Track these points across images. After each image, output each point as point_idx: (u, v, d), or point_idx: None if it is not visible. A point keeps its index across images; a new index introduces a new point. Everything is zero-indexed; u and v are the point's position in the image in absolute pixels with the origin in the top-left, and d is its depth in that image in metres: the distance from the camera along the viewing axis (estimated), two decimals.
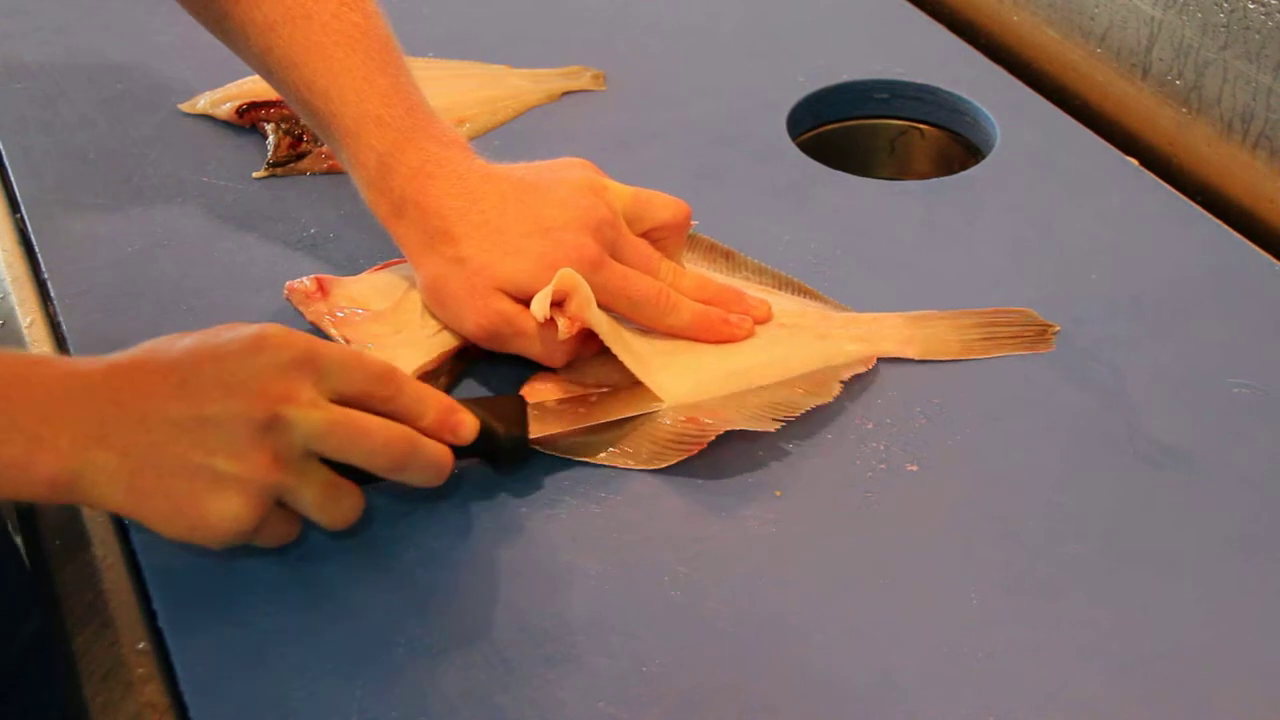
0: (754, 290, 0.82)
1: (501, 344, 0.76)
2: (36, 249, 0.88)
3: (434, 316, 0.78)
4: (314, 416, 0.63)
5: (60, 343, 0.82)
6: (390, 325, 0.78)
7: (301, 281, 0.80)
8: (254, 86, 0.99)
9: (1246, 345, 0.81)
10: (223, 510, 0.62)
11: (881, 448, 0.74)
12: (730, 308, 0.80)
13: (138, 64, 1.05)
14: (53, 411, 0.61)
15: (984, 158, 0.98)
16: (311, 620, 0.66)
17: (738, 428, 0.73)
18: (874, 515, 0.71)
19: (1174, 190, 0.94)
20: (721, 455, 0.74)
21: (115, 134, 0.98)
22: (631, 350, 0.76)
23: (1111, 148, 0.98)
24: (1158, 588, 0.67)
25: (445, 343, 0.77)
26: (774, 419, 0.74)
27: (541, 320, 0.73)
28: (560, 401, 0.75)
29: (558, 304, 0.73)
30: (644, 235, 0.81)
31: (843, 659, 0.64)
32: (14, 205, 0.93)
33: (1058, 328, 0.80)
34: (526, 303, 0.74)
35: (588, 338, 0.75)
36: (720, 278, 0.83)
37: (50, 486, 0.61)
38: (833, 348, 0.79)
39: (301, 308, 0.80)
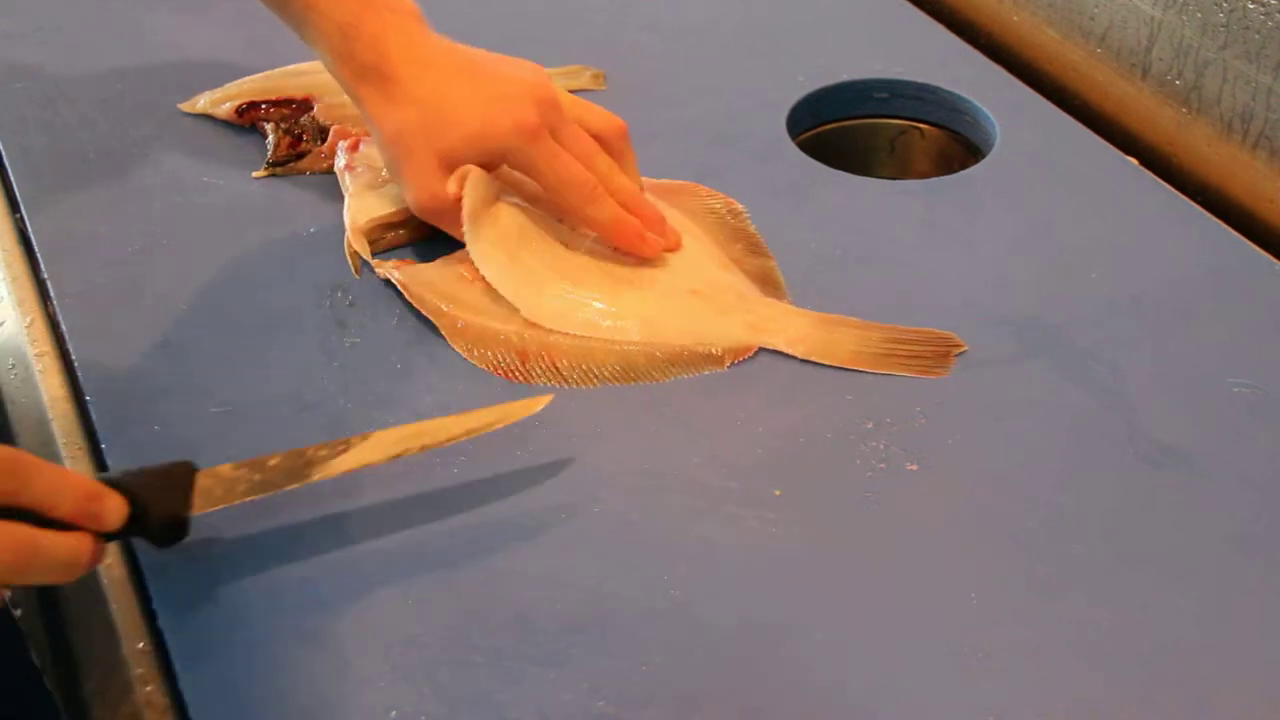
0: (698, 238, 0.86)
1: (434, 220, 0.84)
2: (36, 249, 0.88)
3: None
4: None
5: (60, 342, 0.82)
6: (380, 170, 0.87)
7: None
8: (253, 86, 0.99)
9: (1246, 345, 0.81)
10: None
11: (881, 447, 0.74)
12: (649, 225, 0.83)
13: (138, 64, 1.05)
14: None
15: (984, 157, 0.98)
16: (311, 621, 0.66)
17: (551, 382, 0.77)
18: (874, 515, 0.71)
19: (1174, 190, 0.94)
20: (721, 454, 0.74)
21: (115, 134, 0.98)
22: (516, 259, 0.81)
23: (1111, 148, 0.98)
24: (1158, 588, 0.67)
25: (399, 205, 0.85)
26: (597, 379, 0.78)
27: (454, 195, 0.81)
28: (236, 466, 0.69)
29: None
30: None
31: (843, 659, 0.64)
32: (14, 205, 0.93)
33: (964, 348, 0.79)
34: (472, 165, 0.81)
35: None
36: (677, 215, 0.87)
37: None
38: (717, 329, 0.80)
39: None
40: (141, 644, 0.66)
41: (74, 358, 0.80)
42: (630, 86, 1.04)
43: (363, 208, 0.87)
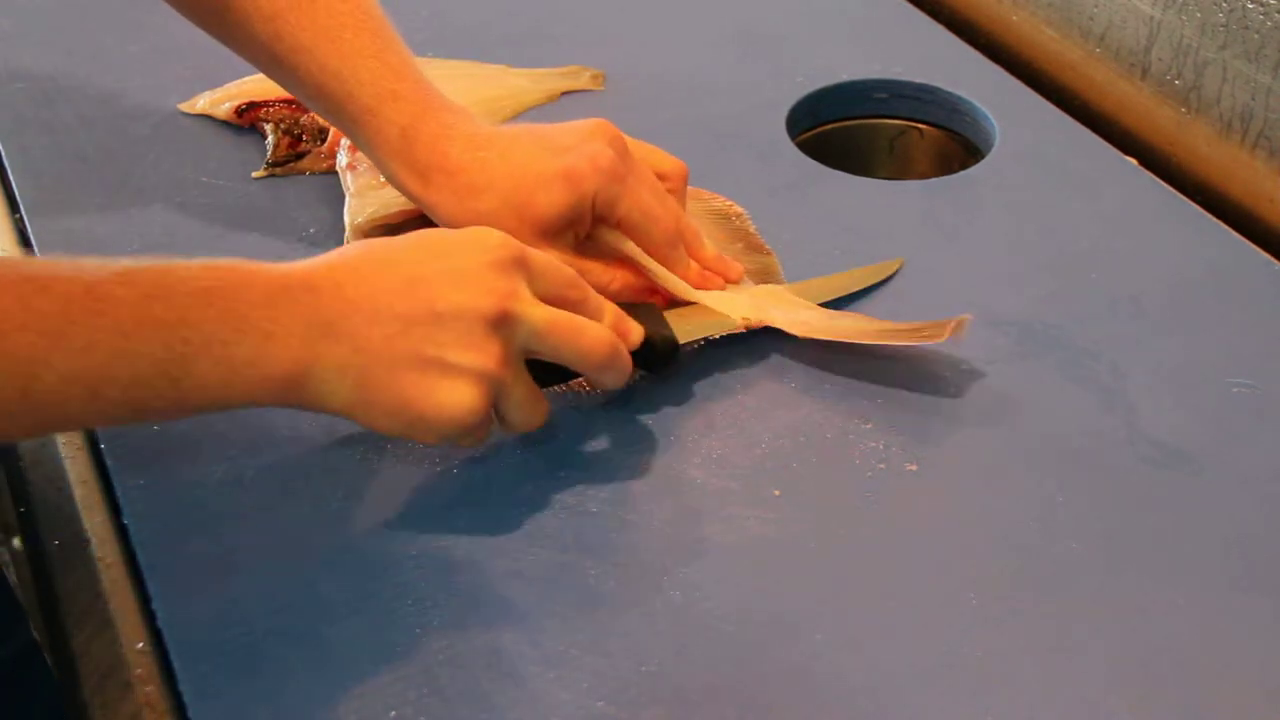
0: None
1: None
2: (36, 249, 0.88)
3: None
4: (537, 314, 0.66)
5: None
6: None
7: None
8: (253, 86, 0.99)
9: (1246, 344, 0.81)
10: (455, 400, 0.64)
11: (881, 447, 0.74)
12: (711, 266, 0.83)
13: (138, 64, 1.05)
14: (280, 310, 0.62)
15: (983, 157, 0.98)
16: (310, 621, 0.66)
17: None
18: (874, 515, 0.71)
19: (1173, 190, 0.94)
20: (721, 454, 0.74)
21: (114, 134, 0.98)
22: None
23: (1111, 147, 0.98)
24: (1157, 588, 0.67)
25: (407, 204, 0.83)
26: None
27: None
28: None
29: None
30: None
31: (842, 659, 0.64)
32: (13, 205, 0.93)
33: (967, 316, 0.77)
34: (567, 223, 0.78)
35: (648, 289, 0.81)
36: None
37: (283, 384, 0.62)
38: (726, 304, 0.81)
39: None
40: (141, 644, 0.65)
41: None
42: (630, 86, 1.04)
43: (363, 206, 0.86)
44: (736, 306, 0.80)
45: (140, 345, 0.59)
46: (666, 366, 0.77)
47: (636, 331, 0.73)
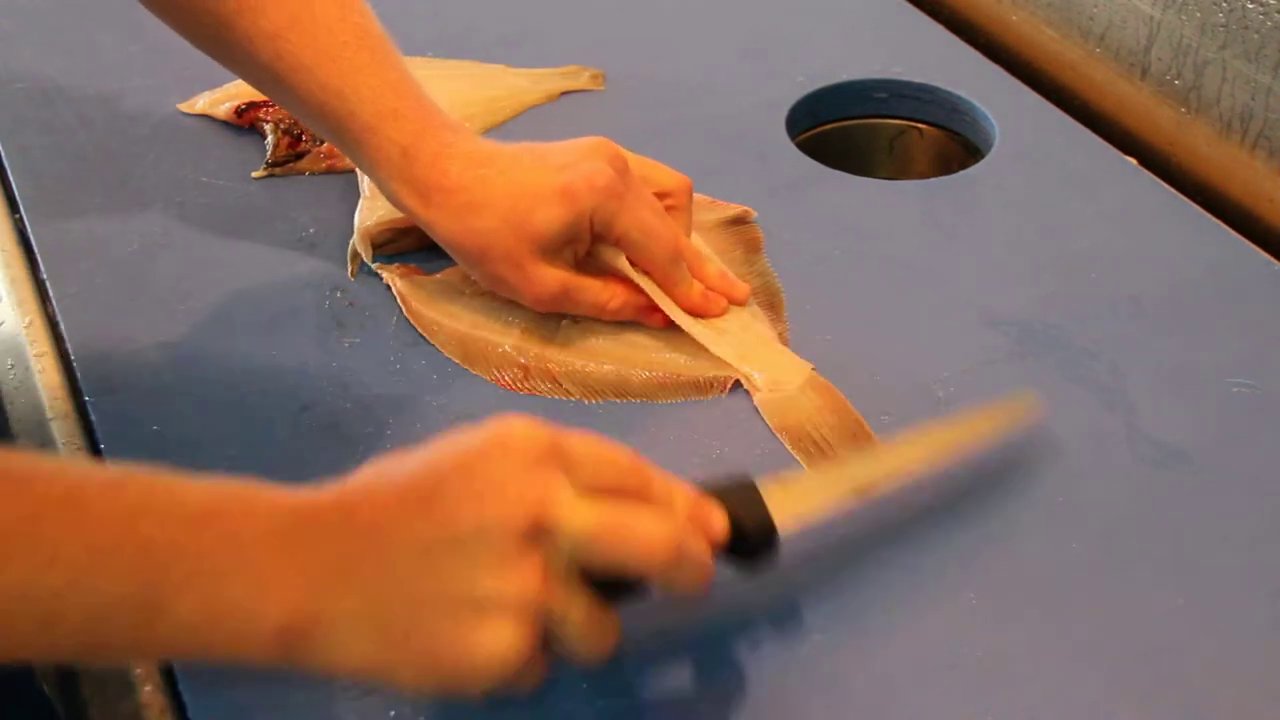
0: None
1: (564, 308, 0.80)
2: (35, 249, 0.88)
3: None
4: (580, 516, 0.54)
5: (59, 342, 0.82)
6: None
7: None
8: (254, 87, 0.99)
9: (1246, 344, 0.81)
10: (494, 643, 0.52)
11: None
12: (732, 295, 0.82)
13: (137, 64, 1.05)
14: (282, 548, 0.52)
15: (983, 157, 0.98)
16: None
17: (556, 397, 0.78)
18: (873, 515, 0.71)
19: (1173, 190, 0.94)
20: (721, 454, 0.74)
21: (114, 134, 0.98)
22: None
23: (1111, 147, 0.98)
24: (1157, 587, 0.67)
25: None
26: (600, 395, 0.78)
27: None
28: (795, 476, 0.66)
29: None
30: None
31: (842, 659, 0.64)
32: (13, 205, 0.93)
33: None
34: (565, 241, 0.77)
35: (647, 307, 0.80)
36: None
37: (279, 638, 0.52)
38: (707, 358, 0.79)
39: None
40: None
41: (73, 358, 0.80)
42: (630, 86, 1.04)
43: (374, 209, 0.86)
44: (727, 348, 0.78)
45: (115, 567, 0.50)
46: (764, 559, 0.61)
47: (719, 520, 0.59)
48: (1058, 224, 0.90)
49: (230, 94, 0.99)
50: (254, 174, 0.94)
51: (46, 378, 0.80)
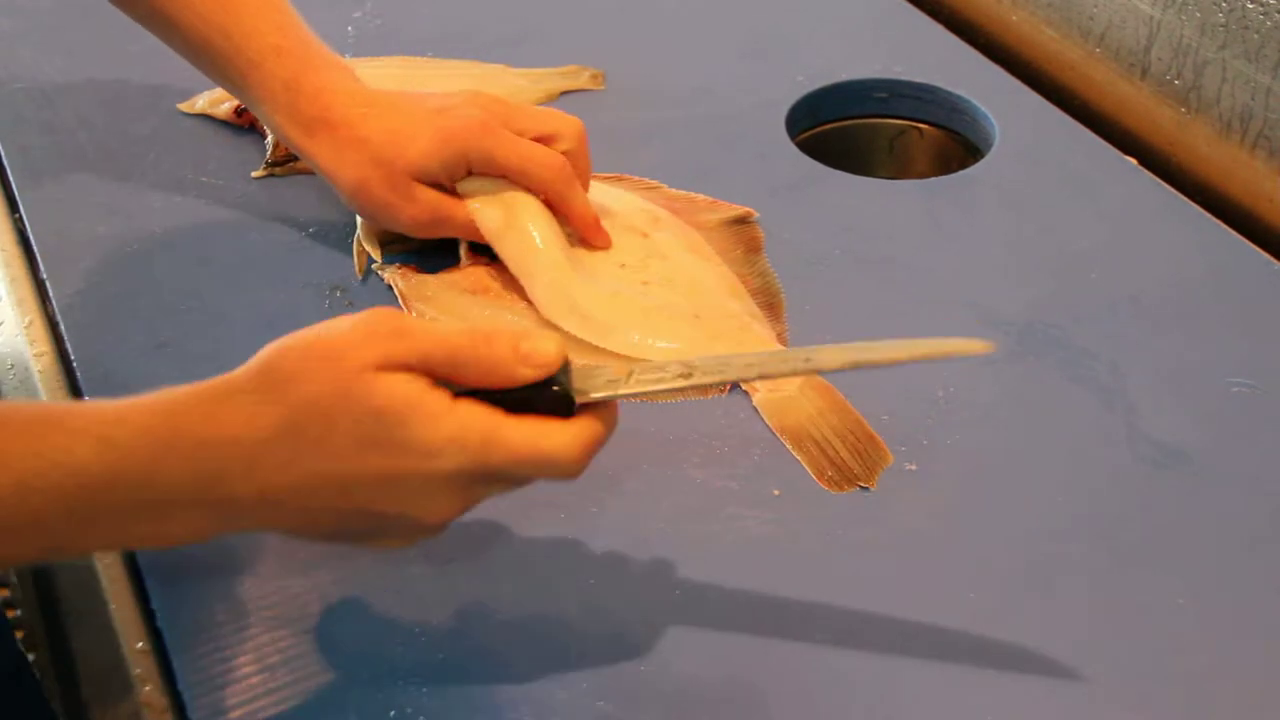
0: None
1: (434, 232, 0.83)
2: (35, 249, 0.88)
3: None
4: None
5: (59, 342, 0.82)
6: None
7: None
8: None
9: (1245, 344, 0.81)
10: (389, 546, 0.63)
11: None
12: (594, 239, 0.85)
13: (137, 64, 1.05)
14: (193, 503, 0.56)
15: (983, 157, 0.98)
16: (310, 620, 0.66)
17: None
18: (873, 515, 0.71)
19: (1173, 190, 0.94)
20: (721, 454, 0.74)
21: (114, 134, 0.98)
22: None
23: (1110, 147, 0.98)
24: (1157, 587, 0.67)
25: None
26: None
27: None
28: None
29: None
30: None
31: (842, 658, 0.64)
32: (12, 205, 0.93)
33: (871, 486, 0.72)
34: (440, 175, 0.81)
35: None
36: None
37: (193, 540, 0.58)
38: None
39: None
40: (141, 644, 0.65)
41: (73, 358, 0.80)
42: (630, 86, 1.04)
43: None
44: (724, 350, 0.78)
45: (12, 540, 0.55)
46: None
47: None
48: (1058, 224, 0.90)
49: (230, 94, 0.99)
50: (253, 174, 0.94)
51: (46, 378, 0.80)
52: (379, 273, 0.85)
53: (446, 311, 0.81)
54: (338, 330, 0.58)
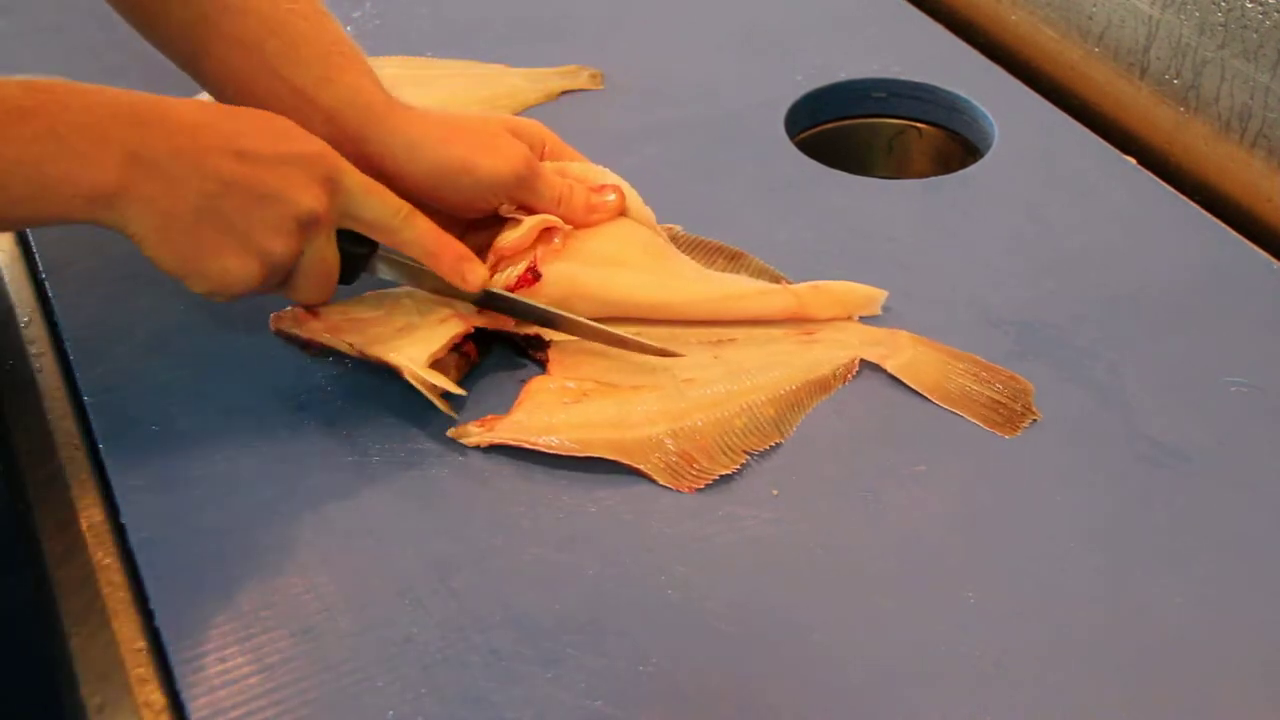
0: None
1: (533, 185, 0.80)
2: (34, 248, 0.88)
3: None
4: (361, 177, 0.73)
5: (59, 342, 0.82)
6: (391, 326, 0.77)
7: (287, 310, 0.77)
8: None
9: (1244, 343, 0.81)
10: (240, 272, 0.69)
11: (879, 447, 0.74)
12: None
13: (137, 64, 1.05)
14: (100, 133, 0.66)
15: (982, 156, 0.98)
16: (309, 621, 0.66)
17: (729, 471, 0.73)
18: (872, 514, 0.71)
19: (1172, 189, 0.94)
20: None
21: None
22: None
23: (1110, 146, 0.98)
24: (1155, 586, 0.67)
25: (449, 330, 0.76)
26: (762, 441, 0.74)
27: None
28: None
29: None
30: None
31: (841, 658, 0.64)
32: None
33: (1039, 417, 0.76)
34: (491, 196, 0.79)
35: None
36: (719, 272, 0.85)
37: (91, 202, 0.65)
38: (821, 354, 0.79)
39: (296, 330, 0.76)
40: (141, 644, 0.66)
41: (73, 357, 0.80)
42: (629, 86, 1.04)
43: (412, 341, 0.77)
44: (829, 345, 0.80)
45: None
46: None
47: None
48: (1057, 223, 0.90)
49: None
50: None
51: (46, 378, 0.80)
52: (462, 440, 0.75)
53: (577, 429, 0.75)
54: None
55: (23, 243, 0.90)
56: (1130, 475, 0.73)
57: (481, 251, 0.79)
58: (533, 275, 0.79)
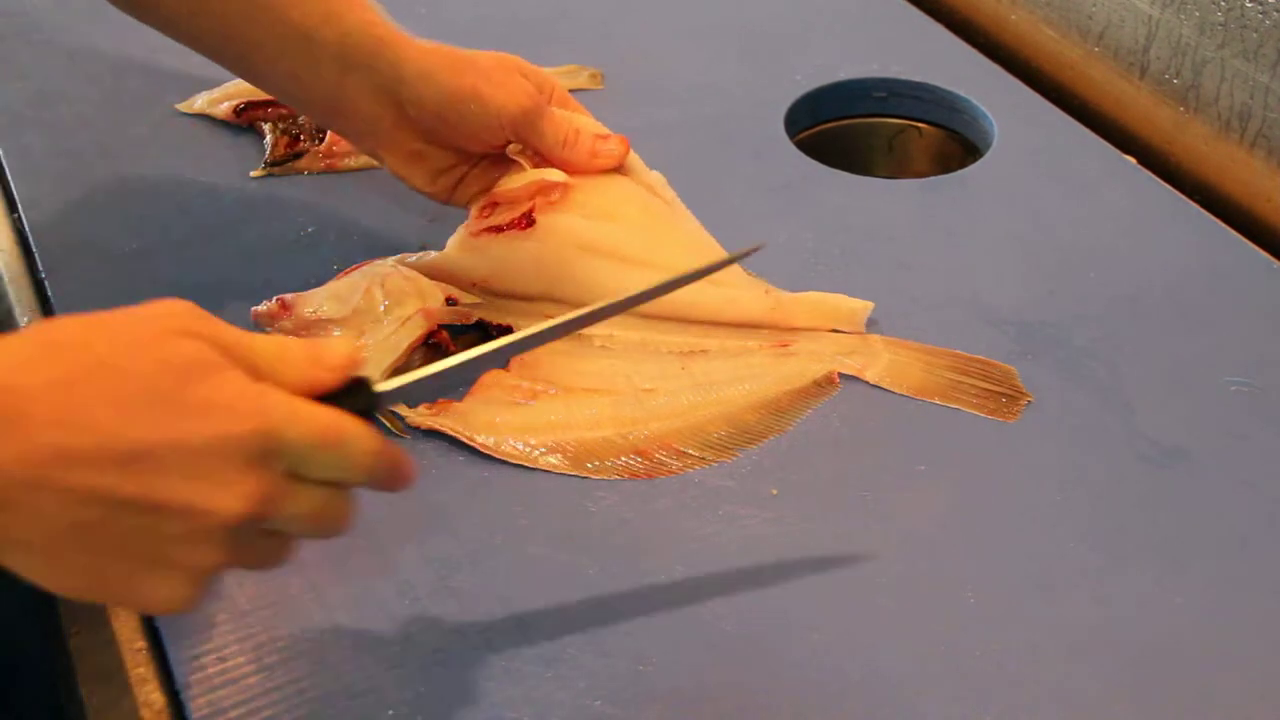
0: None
1: (536, 123, 0.80)
2: (34, 249, 0.88)
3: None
4: (300, 503, 0.53)
5: None
6: (354, 330, 0.78)
7: (266, 303, 0.80)
8: (251, 86, 0.99)
9: (1244, 343, 0.81)
10: (164, 595, 0.52)
11: (878, 447, 0.74)
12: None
13: (136, 64, 1.05)
14: None
15: (982, 156, 0.98)
16: (309, 621, 0.66)
17: (692, 468, 0.73)
18: (872, 514, 0.71)
19: (1172, 189, 0.94)
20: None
21: (113, 134, 0.98)
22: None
23: (1109, 146, 0.98)
24: (1155, 586, 0.67)
25: (409, 334, 0.77)
26: (730, 448, 0.74)
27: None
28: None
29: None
30: None
31: (841, 658, 0.64)
32: (11, 205, 0.93)
33: (1031, 398, 0.77)
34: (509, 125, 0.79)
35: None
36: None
37: None
38: (795, 368, 0.78)
39: (269, 327, 0.79)
40: (140, 644, 0.66)
41: None
42: (629, 86, 1.04)
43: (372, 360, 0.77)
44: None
45: None
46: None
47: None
48: (1056, 223, 0.90)
49: (229, 93, 0.99)
50: (252, 173, 0.94)
51: None
52: (418, 424, 0.75)
53: (525, 429, 0.75)
54: (130, 308, 0.52)
55: (23, 243, 0.90)
56: (1130, 475, 0.73)
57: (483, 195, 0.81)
58: (526, 221, 0.80)
